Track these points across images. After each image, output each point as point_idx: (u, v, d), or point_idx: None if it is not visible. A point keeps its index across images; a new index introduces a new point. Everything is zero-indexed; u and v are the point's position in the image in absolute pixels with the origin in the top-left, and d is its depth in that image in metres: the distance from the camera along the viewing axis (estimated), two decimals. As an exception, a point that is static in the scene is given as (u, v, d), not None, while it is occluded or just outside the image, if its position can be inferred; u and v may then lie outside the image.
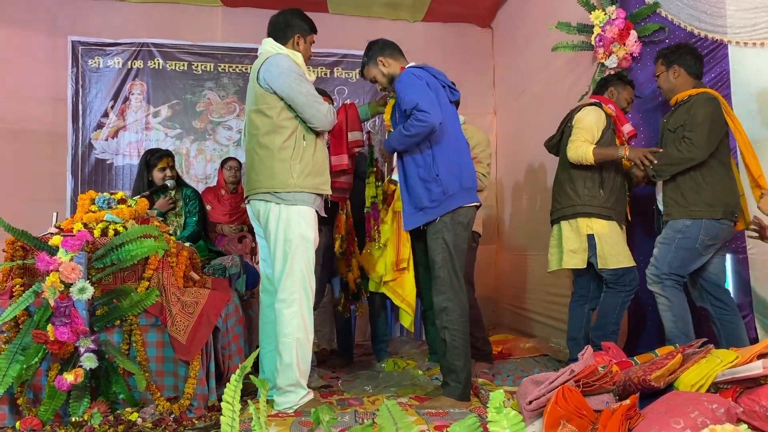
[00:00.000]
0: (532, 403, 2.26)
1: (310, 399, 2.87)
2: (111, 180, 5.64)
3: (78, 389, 2.58)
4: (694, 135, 3.04)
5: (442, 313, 2.96)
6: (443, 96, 3.02)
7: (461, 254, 2.98)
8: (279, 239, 2.87)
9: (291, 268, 2.86)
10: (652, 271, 3.17)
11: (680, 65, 3.23)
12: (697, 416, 1.86)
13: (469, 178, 3.03)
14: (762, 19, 3.27)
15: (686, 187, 3.11)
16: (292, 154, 2.86)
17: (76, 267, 2.56)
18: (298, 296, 2.86)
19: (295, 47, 3.02)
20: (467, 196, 3.01)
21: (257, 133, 2.90)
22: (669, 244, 3.13)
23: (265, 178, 2.87)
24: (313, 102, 2.86)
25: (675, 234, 3.12)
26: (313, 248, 2.94)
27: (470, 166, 3.08)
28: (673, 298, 3.11)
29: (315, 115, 2.88)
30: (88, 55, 5.67)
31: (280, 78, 2.83)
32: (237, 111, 5.86)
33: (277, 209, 2.87)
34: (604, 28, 3.69)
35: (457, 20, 6.18)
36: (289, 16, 3.05)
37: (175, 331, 2.73)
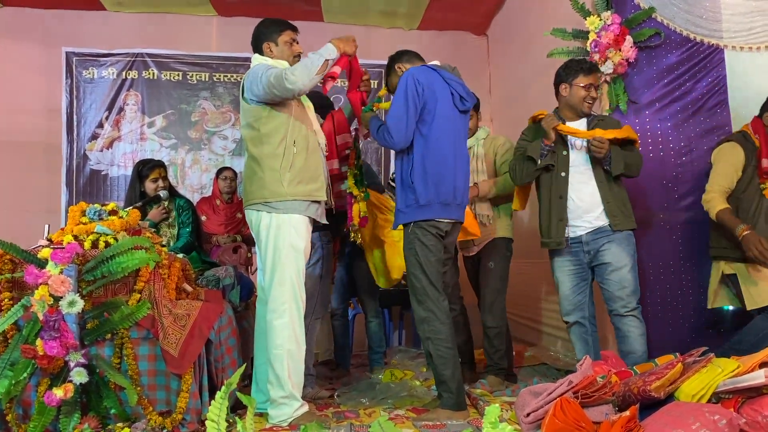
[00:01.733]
0: (530, 415, 2.21)
1: (305, 411, 2.83)
2: (106, 191, 5.62)
3: (68, 404, 2.53)
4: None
5: (423, 324, 2.90)
6: (443, 104, 2.94)
7: (435, 265, 2.91)
8: (269, 248, 2.85)
9: (281, 278, 2.83)
10: (633, 297, 3.11)
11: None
12: (699, 428, 1.82)
13: (448, 193, 2.93)
14: (758, 24, 3.26)
15: (627, 198, 3.18)
16: (281, 163, 2.84)
17: (66, 280, 2.52)
18: (288, 306, 2.82)
19: (269, 54, 3.00)
20: (444, 211, 2.93)
21: (248, 146, 2.94)
22: (636, 266, 3.13)
23: (257, 188, 2.87)
24: (271, 80, 2.72)
25: (635, 252, 3.14)
26: (304, 258, 2.91)
27: (455, 181, 2.96)
28: (643, 321, 3.13)
29: (280, 86, 2.71)
30: (83, 66, 5.66)
31: (253, 83, 2.82)
32: (232, 120, 5.83)
33: (267, 218, 2.85)
34: (599, 34, 3.66)
35: (453, 28, 6.17)
36: (255, 30, 3.07)
37: (167, 344, 2.69)
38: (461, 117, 3.05)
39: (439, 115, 2.93)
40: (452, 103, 2.99)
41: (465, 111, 3.07)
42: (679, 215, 3.49)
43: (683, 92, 3.54)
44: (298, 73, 2.73)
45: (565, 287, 3.27)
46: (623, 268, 3.10)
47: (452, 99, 2.99)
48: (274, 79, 2.73)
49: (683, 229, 3.48)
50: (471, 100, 3.08)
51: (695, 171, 3.46)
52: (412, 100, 2.88)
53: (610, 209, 3.13)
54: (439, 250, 2.94)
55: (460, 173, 3.01)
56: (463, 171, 3.05)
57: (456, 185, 2.96)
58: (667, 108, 3.57)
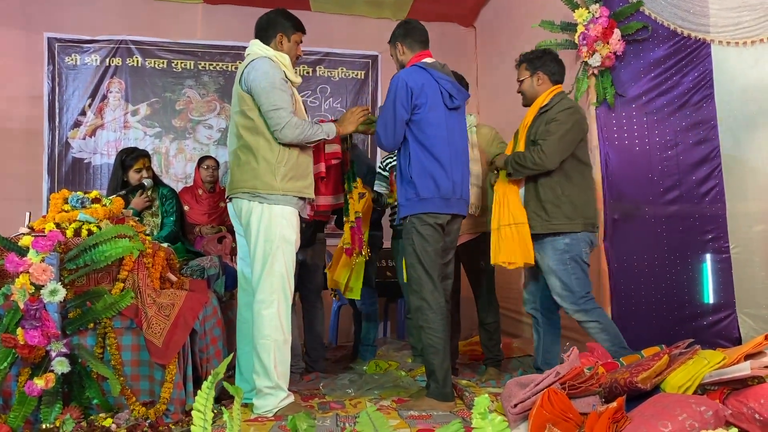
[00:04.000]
0: (517, 406, 2.21)
1: (290, 402, 2.82)
2: (89, 179, 5.53)
3: (49, 394, 2.49)
4: (546, 144, 3.05)
5: (418, 312, 2.95)
6: (434, 104, 2.96)
7: (433, 256, 2.94)
8: (260, 239, 2.82)
9: (270, 269, 2.81)
10: (567, 301, 3.11)
11: (544, 72, 3.25)
12: (685, 419, 1.83)
13: (447, 188, 2.95)
14: (745, 18, 3.27)
15: (547, 200, 3.11)
16: (276, 157, 2.84)
17: (47, 268, 2.48)
18: (277, 297, 2.81)
19: (279, 47, 2.98)
20: (445, 205, 2.96)
21: (241, 134, 2.87)
22: (564, 269, 3.11)
23: (249, 178, 2.83)
24: (272, 114, 2.79)
25: (562, 256, 3.11)
26: (294, 250, 2.90)
27: (453, 176, 2.97)
28: (601, 318, 3.11)
29: (272, 127, 2.81)
30: (65, 52, 5.55)
31: (255, 82, 2.82)
32: (218, 109, 5.77)
33: (259, 208, 2.82)
34: (587, 27, 3.66)
35: (440, 19, 6.14)
36: (272, 15, 3.03)
37: (150, 333, 2.66)
38: (453, 114, 3.05)
39: (430, 116, 2.96)
40: (442, 102, 3.00)
41: (455, 108, 3.06)
42: (664, 208, 3.52)
43: (670, 86, 3.55)
44: (294, 134, 2.82)
45: (524, 279, 3.36)
46: (549, 275, 3.15)
47: (442, 98, 3.00)
48: (276, 118, 2.78)
49: (668, 222, 3.50)
50: (461, 98, 3.09)
51: (681, 164, 3.48)
52: (401, 105, 2.93)
53: (528, 212, 3.15)
54: (437, 241, 2.95)
55: (457, 168, 3.02)
56: (461, 166, 3.06)
57: (454, 180, 2.98)
58: (654, 101, 3.58)
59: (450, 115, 3.04)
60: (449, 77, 3.07)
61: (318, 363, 3.84)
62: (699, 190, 3.42)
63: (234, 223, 3.05)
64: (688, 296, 3.41)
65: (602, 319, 3.10)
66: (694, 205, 3.43)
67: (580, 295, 3.09)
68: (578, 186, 3.14)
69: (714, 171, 3.39)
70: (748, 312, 3.21)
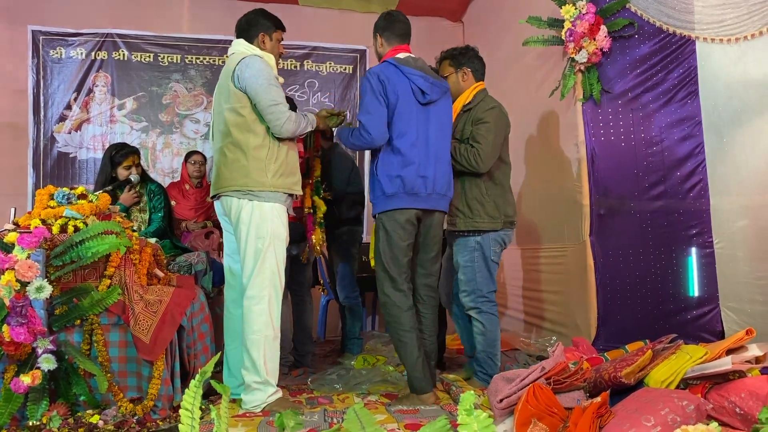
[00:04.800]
0: (503, 401, 2.24)
1: (278, 398, 2.83)
2: (74, 174, 5.49)
3: (36, 391, 2.49)
4: (482, 148, 3.12)
5: (383, 308, 3.00)
6: (404, 99, 2.95)
7: (396, 252, 2.94)
8: (251, 236, 2.82)
9: (262, 266, 2.83)
10: (468, 297, 3.20)
11: (469, 68, 3.32)
12: (668, 413, 1.86)
13: (414, 184, 2.92)
14: (728, 15, 3.29)
15: (471, 198, 3.18)
16: (267, 154, 2.85)
17: (33, 265, 2.47)
18: (268, 293, 2.83)
19: (262, 46, 3.00)
20: (412, 201, 2.94)
21: (230, 131, 2.86)
22: (471, 266, 3.19)
23: (239, 176, 2.83)
24: (273, 109, 2.81)
25: (472, 254, 3.19)
26: (285, 246, 2.92)
27: (424, 172, 2.94)
28: (488, 324, 3.19)
29: (273, 122, 2.84)
30: (50, 45, 5.50)
31: (251, 79, 2.82)
32: (204, 104, 5.74)
33: (249, 206, 2.83)
34: (574, 23, 3.68)
35: (428, 14, 6.14)
36: (252, 16, 3.06)
37: (138, 330, 2.66)
38: (427, 109, 3.02)
39: (400, 111, 2.94)
40: (414, 98, 2.99)
41: (429, 103, 3.02)
42: (648, 204, 3.55)
43: (655, 82, 3.57)
44: (291, 128, 2.87)
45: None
46: (458, 269, 3.26)
47: (413, 94, 2.99)
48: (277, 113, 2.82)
49: (653, 217, 3.53)
50: (435, 92, 3.03)
51: (666, 160, 3.51)
52: (380, 94, 2.92)
53: (451, 209, 3.20)
54: (402, 239, 2.94)
55: (431, 164, 2.97)
56: (437, 161, 3.00)
57: (426, 176, 2.95)
58: (640, 98, 3.61)
59: (423, 110, 3.01)
60: (422, 72, 3.03)
61: (305, 358, 3.85)
62: (684, 185, 3.46)
63: (221, 220, 3.05)
64: (672, 290, 3.44)
65: (489, 326, 3.19)
66: (679, 201, 3.46)
67: (481, 294, 3.18)
68: (500, 185, 3.27)
69: (698, 167, 3.42)
70: (731, 306, 3.25)
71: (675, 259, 3.46)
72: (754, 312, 3.09)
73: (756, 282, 3.09)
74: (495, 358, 3.20)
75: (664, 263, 3.50)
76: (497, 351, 3.21)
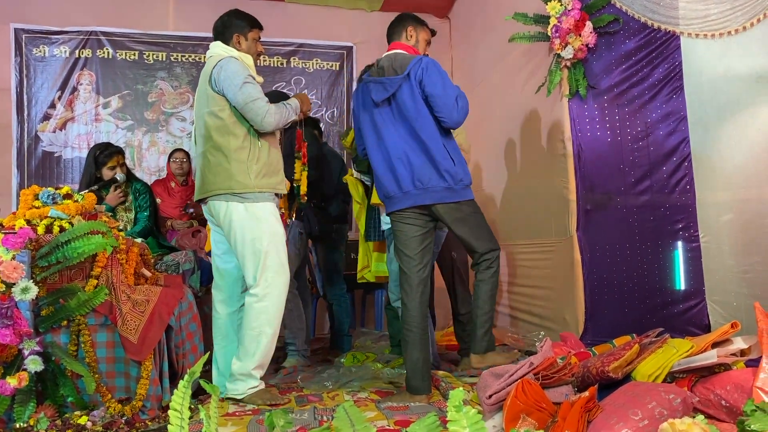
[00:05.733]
0: (492, 397, 2.24)
1: (260, 389, 2.88)
2: (59, 173, 5.44)
3: (23, 393, 2.47)
4: None
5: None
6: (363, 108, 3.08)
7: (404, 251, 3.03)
8: (247, 238, 2.83)
9: (264, 265, 2.85)
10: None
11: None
12: (655, 407, 1.87)
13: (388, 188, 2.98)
14: (713, 11, 3.31)
15: None
16: (248, 155, 2.86)
17: (18, 266, 2.44)
18: (271, 291, 2.86)
19: (238, 47, 3.01)
20: (391, 204, 3.01)
21: (211, 135, 2.87)
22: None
23: (223, 179, 2.84)
24: (252, 106, 2.81)
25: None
26: (284, 241, 2.95)
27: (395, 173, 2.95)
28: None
29: (253, 119, 2.84)
30: (33, 44, 5.44)
31: (226, 81, 2.83)
32: (190, 101, 5.70)
33: (240, 208, 2.84)
34: (560, 19, 3.69)
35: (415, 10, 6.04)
36: (225, 18, 3.06)
37: (125, 330, 2.64)
38: (383, 109, 3.00)
39: (361, 123, 3.11)
40: (371, 102, 3.03)
41: (384, 101, 2.99)
42: (635, 199, 3.57)
43: (641, 78, 3.59)
44: (273, 120, 2.87)
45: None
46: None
47: (369, 98, 3.03)
48: (256, 109, 2.81)
49: (639, 212, 3.55)
50: (385, 89, 2.97)
51: (651, 155, 3.53)
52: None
53: None
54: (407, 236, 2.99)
55: (398, 162, 2.95)
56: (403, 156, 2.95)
57: (398, 176, 2.94)
58: (625, 93, 3.62)
59: (379, 111, 3.00)
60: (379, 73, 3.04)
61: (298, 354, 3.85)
62: (669, 180, 3.48)
63: (210, 221, 3.05)
64: (659, 285, 3.47)
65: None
66: (665, 196, 3.49)
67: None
68: None
69: (684, 162, 3.45)
70: (717, 300, 3.28)
71: (661, 253, 3.49)
72: (739, 305, 3.12)
73: (741, 275, 3.12)
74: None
75: (651, 258, 3.52)
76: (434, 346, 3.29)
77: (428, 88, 2.89)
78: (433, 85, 2.89)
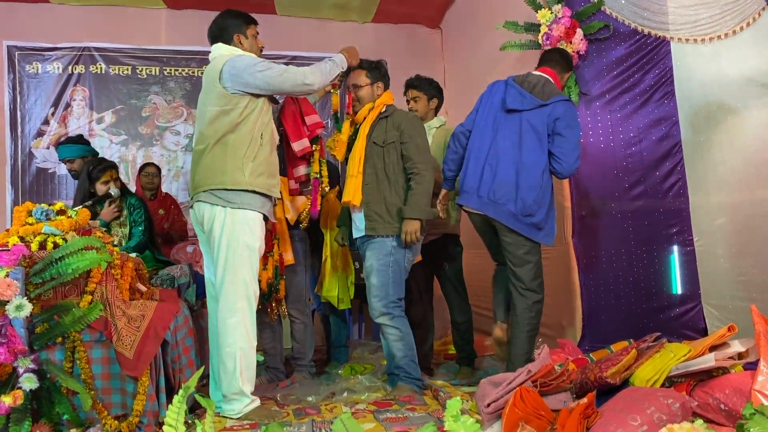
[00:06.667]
0: (491, 405, 2.24)
1: (255, 407, 2.84)
2: (53, 189, 5.44)
3: (18, 412, 2.44)
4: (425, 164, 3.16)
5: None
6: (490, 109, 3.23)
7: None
8: (222, 246, 2.80)
9: (234, 277, 2.80)
10: (380, 302, 3.15)
11: (383, 82, 3.36)
12: (654, 412, 1.87)
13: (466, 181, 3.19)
14: (702, 16, 3.33)
15: (392, 203, 3.16)
16: (246, 152, 2.82)
17: (12, 283, 2.42)
18: (241, 305, 2.81)
19: (239, 46, 2.99)
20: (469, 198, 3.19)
21: (215, 131, 2.83)
22: (385, 270, 3.15)
23: (216, 174, 2.80)
24: (286, 76, 2.86)
25: (387, 258, 3.15)
26: (258, 256, 2.89)
27: (479, 172, 3.14)
28: (403, 328, 3.17)
29: (294, 88, 2.90)
30: (26, 61, 5.45)
31: (246, 71, 2.81)
32: (184, 115, 5.71)
33: (222, 214, 2.80)
34: (550, 27, 3.71)
35: (406, 21, 6.17)
36: (219, 20, 3.04)
37: (121, 346, 2.62)
38: (506, 115, 3.21)
39: (479, 118, 3.32)
40: (500, 104, 3.25)
41: (509, 110, 3.21)
42: (629, 204, 3.58)
43: (632, 84, 3.61)
44: (317, 77, 2.93)
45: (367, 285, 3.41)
46: (370, 274, 3.19)
47: (501, 102, 3.24)
48: (291, 75, 2.87)
49: (633, 217, 3.56)
50: (516, 104, 3.16)
51: (644, 161, 3.54)
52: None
53: (368, 212, 3.18)
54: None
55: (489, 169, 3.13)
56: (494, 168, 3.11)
57: (482, 178, 3.14)
58: (617, 99, 3.64)
59: (504, 116, 3.24)
60: (524, 85, 3.22)
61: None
62: (663, 185, 3.49)
63: (196, 228, 3.01)
64: (655, 289, 3.47)
65: (404, 329, 3.16)
66: (659, 200, 3.49)
67: (392, 299, 3.14)
68: None
69: (676, 166, 3.45)
70: (712, 303, 3.28)
71: (656, 258, 3.49)
72: (735, 308, 3.12)
73: (736, 279, 3.12)
74: (416, 359, 3.19)
75: (646, 262, 3.53)
76: (416, 352, 3.21)
77: (563, 130, 3.05)
78: (569, 129, 3.07)
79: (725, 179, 3.23)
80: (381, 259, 3.15)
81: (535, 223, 3.03)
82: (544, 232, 3.07)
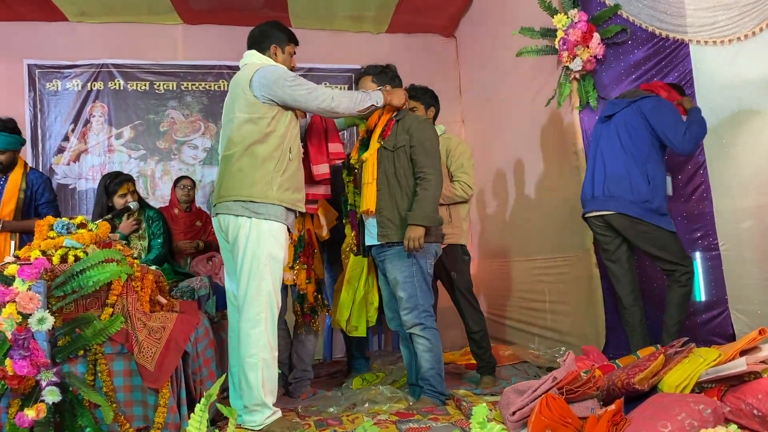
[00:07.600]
0: (516, 413, 2.20)
1: (277, 418, 2.81)
2: (74, 205, 5.49)
3: (41, 425, 2.44)
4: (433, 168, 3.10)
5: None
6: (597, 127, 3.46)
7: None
8: (247, 256, 2.79)
9: (258, 288, 2.78)
10: (411, 314, 3.07)
11: (392, 85, 3.28)
12: (684, 418, 1.82)
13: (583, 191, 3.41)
14: (720, 18, 3.30)
15: (404, 209, 3.08)
16: (276, 165, 2.81)
17: (34, 296, 2.44)
18: (264, 316, 2.79)
19: (273, 57, 3.00)
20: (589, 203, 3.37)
21: (241, 140, 2.82)
22: (410, 281, 3.07)
23: (244, 186, 2.79)
24: (316, 94, 2.86)
25: (410, 269, 3.07)
26: (282, 267, 2.88)
27: (591, 177, 3.36)
28: (433, 339, 3.10)
29: (321, 106, 2.88)
30: (46, 78, 5.53)
31: (277, 83, 2.81)
32: (202, 129, 5.75)
33: (248, 224, 2.79)
34: (567, 32, 3.69)
35: (421, 31, 6.18)
36: (265, 28, 3.06)
37: (142, 358, 2.62)
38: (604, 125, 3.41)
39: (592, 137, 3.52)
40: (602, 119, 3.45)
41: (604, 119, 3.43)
42: (652, 209, 3.52)
43: (651, 87, 3.57)
44: (344, 103, 2.92)
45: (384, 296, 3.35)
46: (396, 287, 3.12)
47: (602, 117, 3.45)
48: (319, 95, 2.86)
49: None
50: (607, 111, 3.40)
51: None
52: None
53: (381, 219, 3.12)
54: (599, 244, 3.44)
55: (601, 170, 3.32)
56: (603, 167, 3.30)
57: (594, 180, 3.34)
58: (637, 103, 3.59)
59: (603, 125, 3.45)
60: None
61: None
62: (686, 189, 3.44)
63: (218, 236, 3.00)
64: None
65: (434, 341, 3.10)
66: (682, 204, 3.44)
67: (423, 309, 3.08)
68: None
69: (699, 169, 3.41)
70: (740, 308, 3.22)
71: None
72: (764, 313, 3.06)
73: (765, 283, 3.06)
74: (442, 373, 3.13)
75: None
76: (443, 366, 3.15)
77: (652, 118, 3.19)
78: (659, 114, 3.19)
79: (750, 182, 3.18)
80: (404, 271, 3.08)
81: (654, 209, 3.13)
82: (666, 218, 3.16)
